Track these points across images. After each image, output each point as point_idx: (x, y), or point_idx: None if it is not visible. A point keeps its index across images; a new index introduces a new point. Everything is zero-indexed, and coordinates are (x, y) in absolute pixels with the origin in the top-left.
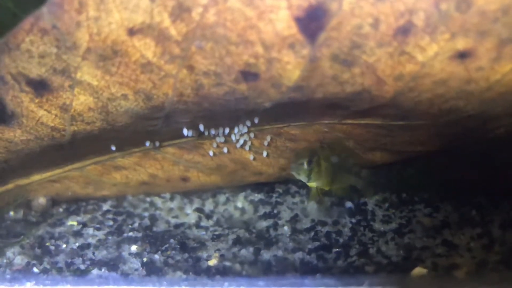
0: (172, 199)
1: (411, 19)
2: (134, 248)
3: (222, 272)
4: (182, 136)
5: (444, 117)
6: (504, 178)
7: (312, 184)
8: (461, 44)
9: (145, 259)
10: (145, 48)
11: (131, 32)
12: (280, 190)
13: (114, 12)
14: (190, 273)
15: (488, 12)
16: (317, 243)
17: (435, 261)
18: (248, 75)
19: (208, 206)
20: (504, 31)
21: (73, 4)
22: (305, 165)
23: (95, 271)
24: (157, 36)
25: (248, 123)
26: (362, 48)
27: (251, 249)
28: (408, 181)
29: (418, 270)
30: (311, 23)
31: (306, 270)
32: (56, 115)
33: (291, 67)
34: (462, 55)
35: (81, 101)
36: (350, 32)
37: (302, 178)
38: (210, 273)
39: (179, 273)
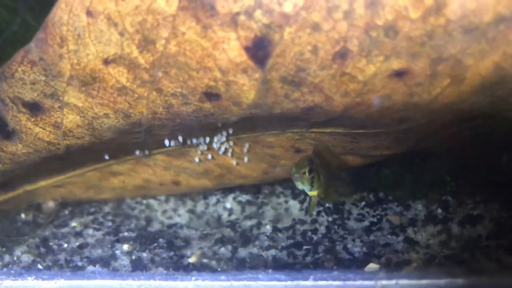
0: (167, 201)
1: (346, 45)
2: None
3: (199, 268)
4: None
5: (399, 125)
6: (469, 177)
7: (313, 193)
8: (396, 64)
9: (133, 257)
10: (119, 75)
11: (106, 61)
12: (266, 191)
13: (90, 45)
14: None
15: (415, 38)
16: (291, 241)
17: (391, 257)
18: (210, 95)
19: (200, 207)
20: (433, 52)
21: (55, 39)
22: (307, 174)
23: (89, 268)
24: (128, 65)
25: (224, 133)
26: (306, 71)
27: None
28: (384, 181)
29: (371, 266)
30: (258, 51)
31: (276, 266)
32: (50, 132)
33: (247, 88)
34: (399, 74)
35: (70, 119)
36: (294, 58)
37: (306, 187)
38: (188, 269)
39: (160, 269)
